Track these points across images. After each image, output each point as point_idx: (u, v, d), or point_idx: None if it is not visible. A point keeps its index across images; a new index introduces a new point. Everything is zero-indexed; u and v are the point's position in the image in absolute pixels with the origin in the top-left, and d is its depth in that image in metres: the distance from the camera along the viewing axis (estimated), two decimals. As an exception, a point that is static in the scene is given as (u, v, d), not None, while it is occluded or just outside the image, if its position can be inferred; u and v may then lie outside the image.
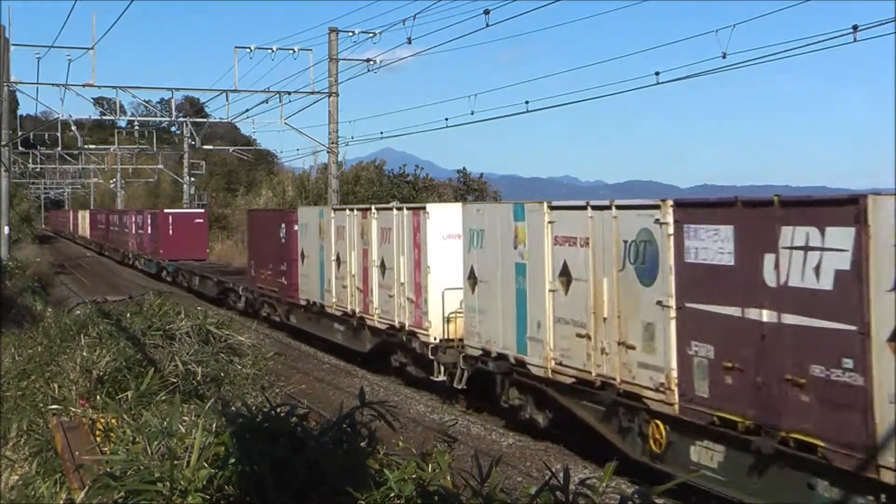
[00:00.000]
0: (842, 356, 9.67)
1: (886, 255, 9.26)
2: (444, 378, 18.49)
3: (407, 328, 19.97)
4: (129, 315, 16.73)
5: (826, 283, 9.85)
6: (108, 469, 6.06)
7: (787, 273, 10.31)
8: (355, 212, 23.39)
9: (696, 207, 11.98)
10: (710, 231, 11.34)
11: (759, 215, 10.86)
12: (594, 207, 13.55)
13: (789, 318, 10.28)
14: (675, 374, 11.88)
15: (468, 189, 53.01)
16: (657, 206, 12.16)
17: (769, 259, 10.52)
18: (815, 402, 10.00)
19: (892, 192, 9.73)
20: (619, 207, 13.05)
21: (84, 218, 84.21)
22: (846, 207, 9.76)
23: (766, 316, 10.57)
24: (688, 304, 11.63)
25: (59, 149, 54.05)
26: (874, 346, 9.34)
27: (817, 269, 9.98)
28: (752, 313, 10.72)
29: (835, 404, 9.78)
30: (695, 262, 11.53)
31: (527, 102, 26.57)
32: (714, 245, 11.25)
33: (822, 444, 9.98)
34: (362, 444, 6.20)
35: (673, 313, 11.94)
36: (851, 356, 9.56)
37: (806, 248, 10.13)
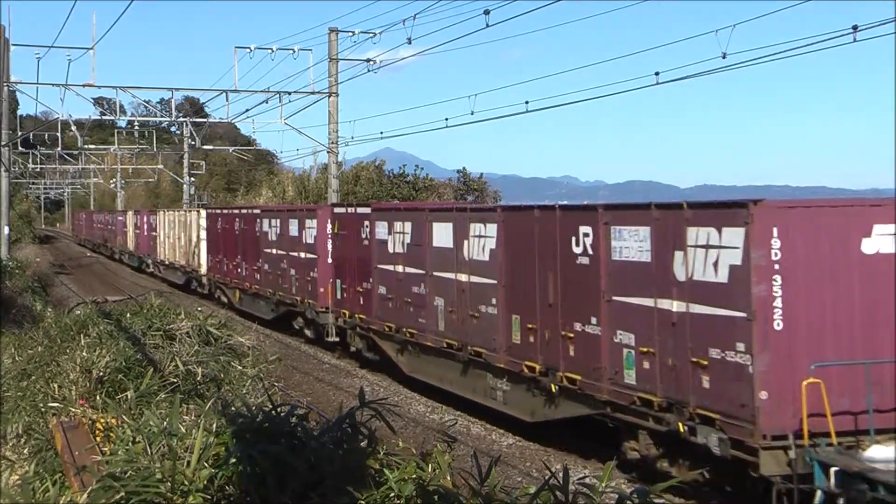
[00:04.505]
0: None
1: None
2: None
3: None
4: (129, 315, 16.77)
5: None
6: (109, 469, 6.07)
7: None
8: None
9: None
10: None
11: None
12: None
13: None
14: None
15: (468, 189, 53.02)
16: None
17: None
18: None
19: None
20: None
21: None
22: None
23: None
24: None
25: (59, 149, 53.92)
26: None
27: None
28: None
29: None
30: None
31: (527, 102, 26.59)
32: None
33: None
34: (362, 444, 6.21)
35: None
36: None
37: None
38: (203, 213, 39.67)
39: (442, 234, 18.50)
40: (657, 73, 21.36)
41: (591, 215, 14.06)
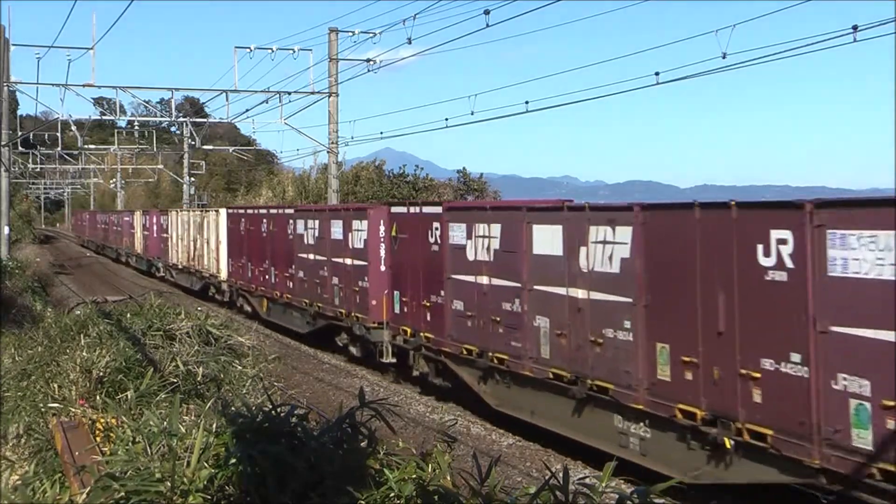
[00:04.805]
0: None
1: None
2: None
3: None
4: (129, 315, 16.77)
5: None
6: (109, 469, 6.07)
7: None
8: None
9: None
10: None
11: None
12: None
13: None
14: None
15: (468, 189, 53.05)
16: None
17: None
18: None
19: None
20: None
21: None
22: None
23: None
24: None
25: (59, 149, 53.97)
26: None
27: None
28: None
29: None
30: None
31: (527, 102, 26.59)
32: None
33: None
34: (362, 444, 6.21)
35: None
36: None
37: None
38: (223, 212, 35.86)
39: (547, 239, 15.00)
40: (657, 73, 21.38)
41: (792, 216, 10.78)
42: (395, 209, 21.11)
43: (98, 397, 9.96)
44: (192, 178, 63.82)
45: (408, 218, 20.18)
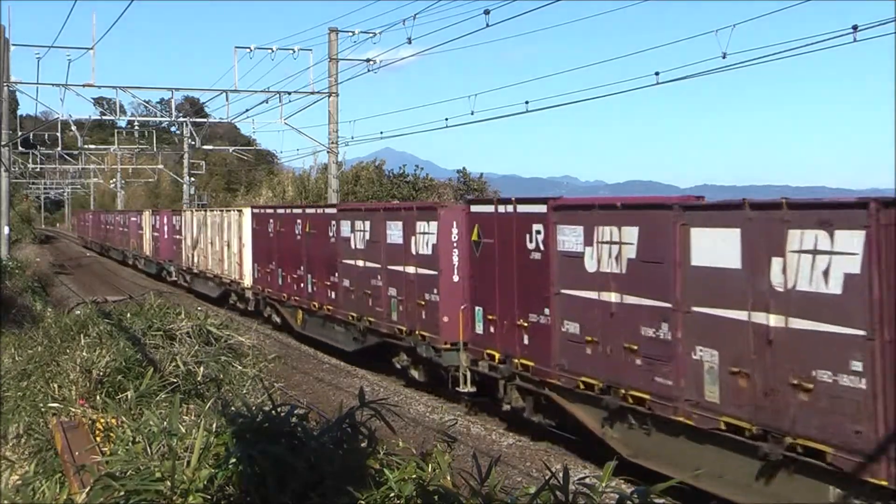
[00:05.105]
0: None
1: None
2: None
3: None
4: (129, 315, 16.77)
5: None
6: (109, 469, 6.07)
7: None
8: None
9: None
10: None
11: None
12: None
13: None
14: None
15: (468, 189, 53.06)
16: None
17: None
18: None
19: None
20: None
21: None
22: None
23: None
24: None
25: (59, 149, 53.99)
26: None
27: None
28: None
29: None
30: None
31: (527, 102, 26.58)
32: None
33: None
34: (362, 444, 6.21)
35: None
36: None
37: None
38: (248, 212, 32.41)
39: (714, 247, 11.87)
40: (657, 73, 21.37)
41: None
42: (476, 208, 17.58)
43: (98, 397, 9.97)
44: (192, 178, 63.83)
45: (495, 219, 16.57)
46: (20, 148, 68.98)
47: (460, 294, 18.00)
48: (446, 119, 30.42)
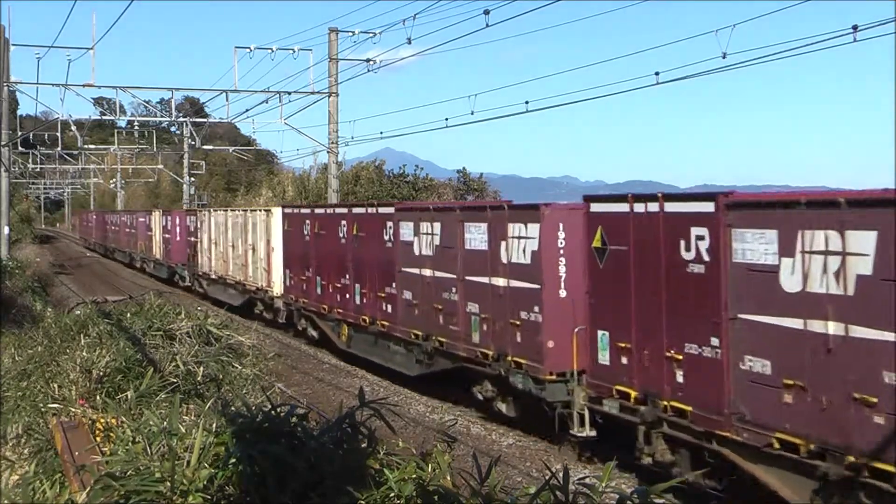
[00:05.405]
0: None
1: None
2: None
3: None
4: (129, 315, 16.78)
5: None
6: (109, 469, 6.07)
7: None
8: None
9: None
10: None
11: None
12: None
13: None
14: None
15: (468, 189, 53.07)
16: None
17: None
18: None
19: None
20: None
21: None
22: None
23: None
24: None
25: (59, 149, 54.02)
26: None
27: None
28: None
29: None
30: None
31: (527, 102, 26.53)
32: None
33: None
34: (362, 444, 6.22)
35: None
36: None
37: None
38: (277, 212, 29.24)
39: None
40: (657, 73, 21.34)
41: None
42: (598, 207, 14.10)
43: (98, 397, 9.98)
44: (192, 178, 63.84)
45: (631, 220, 13.23)
46: (20, 148, 69.00)
47: (570, 313, 14.82)
48: (446, 119, 30.39)
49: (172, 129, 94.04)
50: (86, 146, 59.16)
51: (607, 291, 13.68)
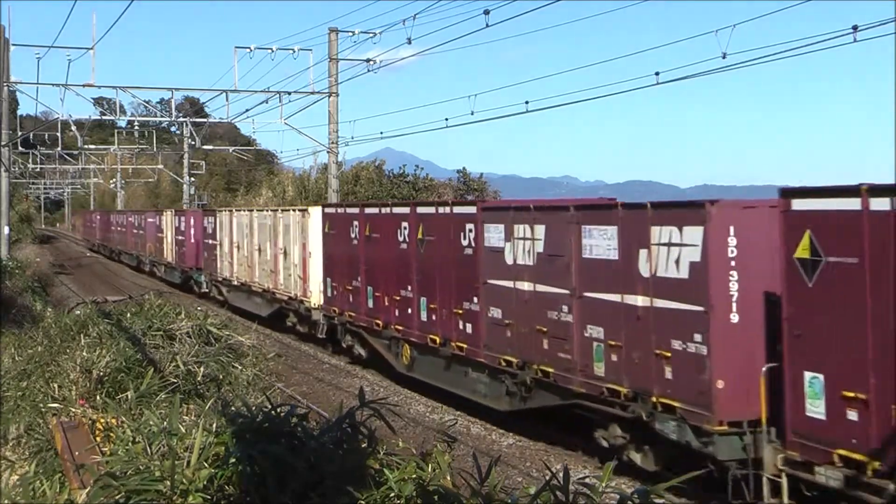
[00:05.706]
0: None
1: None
2: None
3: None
4: (129, 315, 16.78)
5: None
6: (109, 469, 6.07)
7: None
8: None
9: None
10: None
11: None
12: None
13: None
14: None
15: (468, 189, 53.07)
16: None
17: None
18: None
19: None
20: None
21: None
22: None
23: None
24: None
25: (59, 149, 54.06)
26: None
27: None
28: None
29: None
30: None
31: (527, 102, 26.57)
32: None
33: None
34: (362, 444, 6.22)
35: None
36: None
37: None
38: (315, 212, 25.78)
39: None
40: (657, 73, 21.41)
41: None
42: (802, 204, 10.52)
43: (98, 397, 9.99)
44: (192, 178, 63.84)
45: (868, 221, 9.68)
46: (20, 148, 68.98)
47: (745, 344, 11.62)
48: (446, 119, 30.44)
49: (172, 129, 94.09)
50: (86, 146, 59.14)
51: (821, 319, 10.18)
